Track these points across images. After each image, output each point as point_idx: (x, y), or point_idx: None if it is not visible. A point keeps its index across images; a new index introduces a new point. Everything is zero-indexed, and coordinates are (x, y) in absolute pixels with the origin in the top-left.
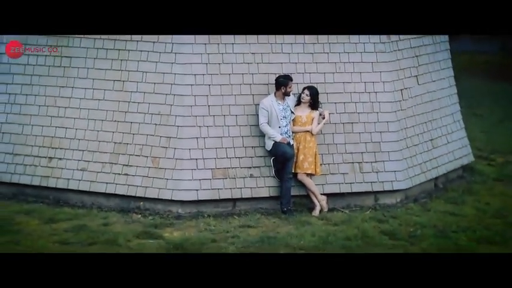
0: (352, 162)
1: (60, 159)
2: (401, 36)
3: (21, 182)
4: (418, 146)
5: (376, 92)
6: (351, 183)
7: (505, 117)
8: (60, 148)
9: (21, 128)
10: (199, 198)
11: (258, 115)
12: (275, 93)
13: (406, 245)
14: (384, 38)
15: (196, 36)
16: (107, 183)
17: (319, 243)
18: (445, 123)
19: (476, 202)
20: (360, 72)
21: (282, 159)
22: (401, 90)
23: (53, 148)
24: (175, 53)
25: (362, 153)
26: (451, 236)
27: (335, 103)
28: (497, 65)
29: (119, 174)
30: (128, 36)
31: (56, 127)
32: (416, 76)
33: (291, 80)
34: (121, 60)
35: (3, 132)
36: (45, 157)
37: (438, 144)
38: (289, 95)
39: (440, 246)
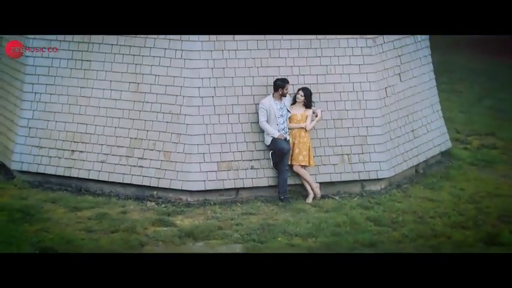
0: (342, 154)
1: (81, 152)
2: (386, 39)
3: (47, 172)
4: (400, 138)
5: (363, 91)
6: (340, 172)
7: (483, 95)
8: (82, 142)
9: (46, 124)
10: (206, 188)
11: (258, 114)
12: (273, 94)
13: (389, 231)
14: (370, 42)
15: (203, 43)
16: (123, 174)
17: (313, 230)
18: (425, 114)
19: (452, 188)
20: (349, 74)
21: (279, 153)
22: (385, 88)
23: (75, 142)
24: (185, 59)
25: (350, 146)
26: (429, 222)
27: (326, 101)
28: (479, 40)
29: (135, 166)
30: (142, 43)
31: (77, 123)
32: (399, 74)
33: (288, 82)
34: (136, 64)
35: (30, 127)
36: (68, 150)
37: (419, 134)
38: (285, 96)
39: (419, 231)
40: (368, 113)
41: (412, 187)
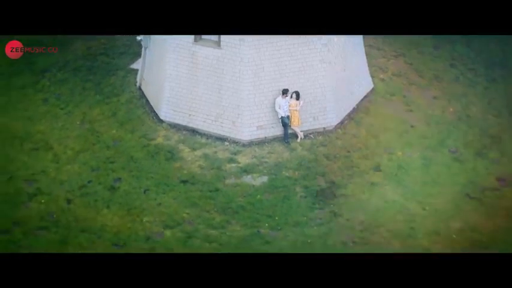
0: (313, 117)
1: (194, 116)
2: (337, 40)
3: (178, 122)
4: (344, 102)
5: (324, 87)
6: (313, 125)
7: None
8: (194, 111)
9: (176, 101)
10: (252, 138)
11: (275, 104)
12: (281, 95)
13: (331, 164)
14: (330, 57)
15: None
16: (214, 128)
17: (298, 165)
18: (359, 78)
19: (367, 124)
20: (318, 81)
21: (284, 123)
22: (336, 81)
23: (190, 111)
24: (240, 82)
25: (317, 111)
26: (349, 155)
27: (306, 94)
28: None
29: (220, 126)
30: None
31: (191, 104)
32: (344, 68)
33: (288, 90)
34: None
35: (169, 101)
36: (187, 114)
37: (354, 91)
38: (287, 96)
39: (346, 164)
40: (327, 99)
41: (349, 124)
